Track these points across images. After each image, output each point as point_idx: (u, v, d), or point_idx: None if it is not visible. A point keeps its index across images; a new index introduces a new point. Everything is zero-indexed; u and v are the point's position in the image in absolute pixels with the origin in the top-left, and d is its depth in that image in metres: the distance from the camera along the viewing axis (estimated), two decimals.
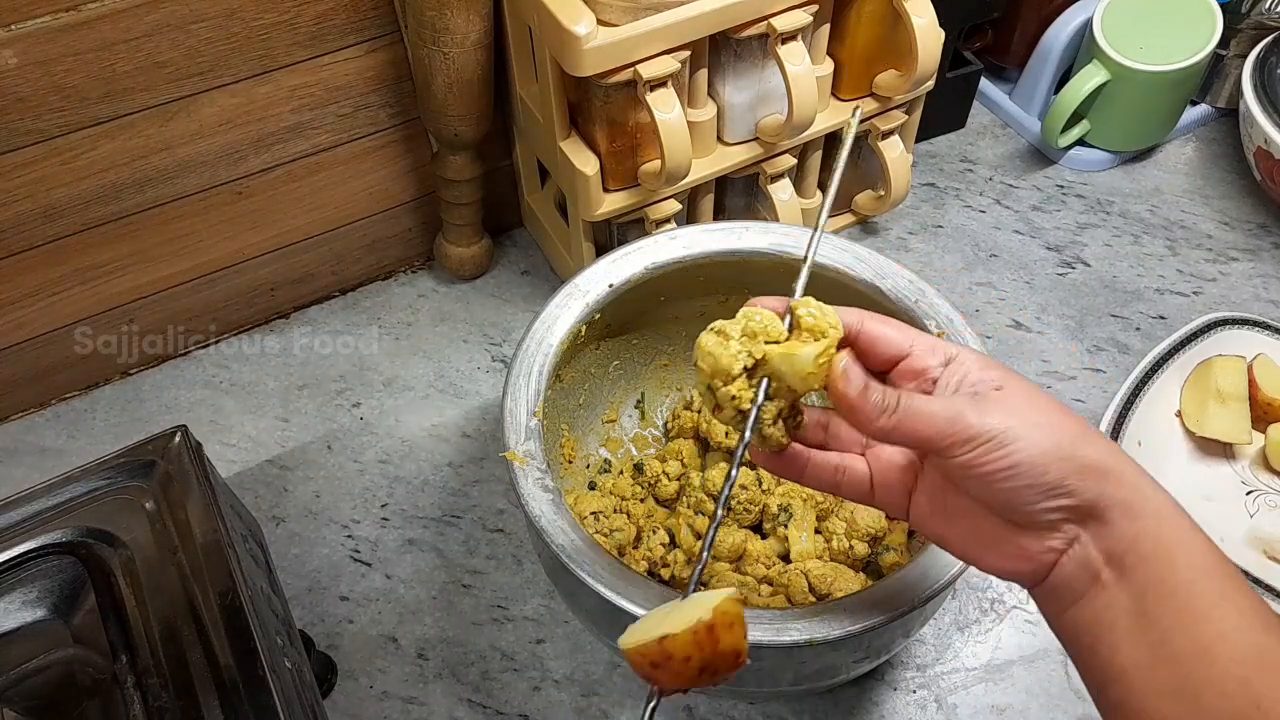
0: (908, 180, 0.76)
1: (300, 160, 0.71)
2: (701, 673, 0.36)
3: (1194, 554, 0.34)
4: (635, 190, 0.68)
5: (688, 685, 0.36)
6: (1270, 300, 0.78)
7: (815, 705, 0.58)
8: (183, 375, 0.75)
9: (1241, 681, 0.31)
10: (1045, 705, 0.58)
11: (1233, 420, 0.66)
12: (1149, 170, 0.88)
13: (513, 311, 0.79)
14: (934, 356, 0.38)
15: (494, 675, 0.60)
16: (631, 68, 0.59)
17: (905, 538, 0.59)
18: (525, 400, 0.53)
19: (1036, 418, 0.35)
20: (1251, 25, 0.84)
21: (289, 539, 0.66)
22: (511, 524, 0.66)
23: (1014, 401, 0.35)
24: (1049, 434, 0.34)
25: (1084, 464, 0.34)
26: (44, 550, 0.44)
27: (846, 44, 0.69)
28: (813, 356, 0.38)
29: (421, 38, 0.63)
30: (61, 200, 0.64)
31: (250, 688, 0.40)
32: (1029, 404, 0.35)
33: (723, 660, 0.36)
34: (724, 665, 0.36)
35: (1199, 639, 0.32)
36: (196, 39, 0.61)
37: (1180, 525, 0.34)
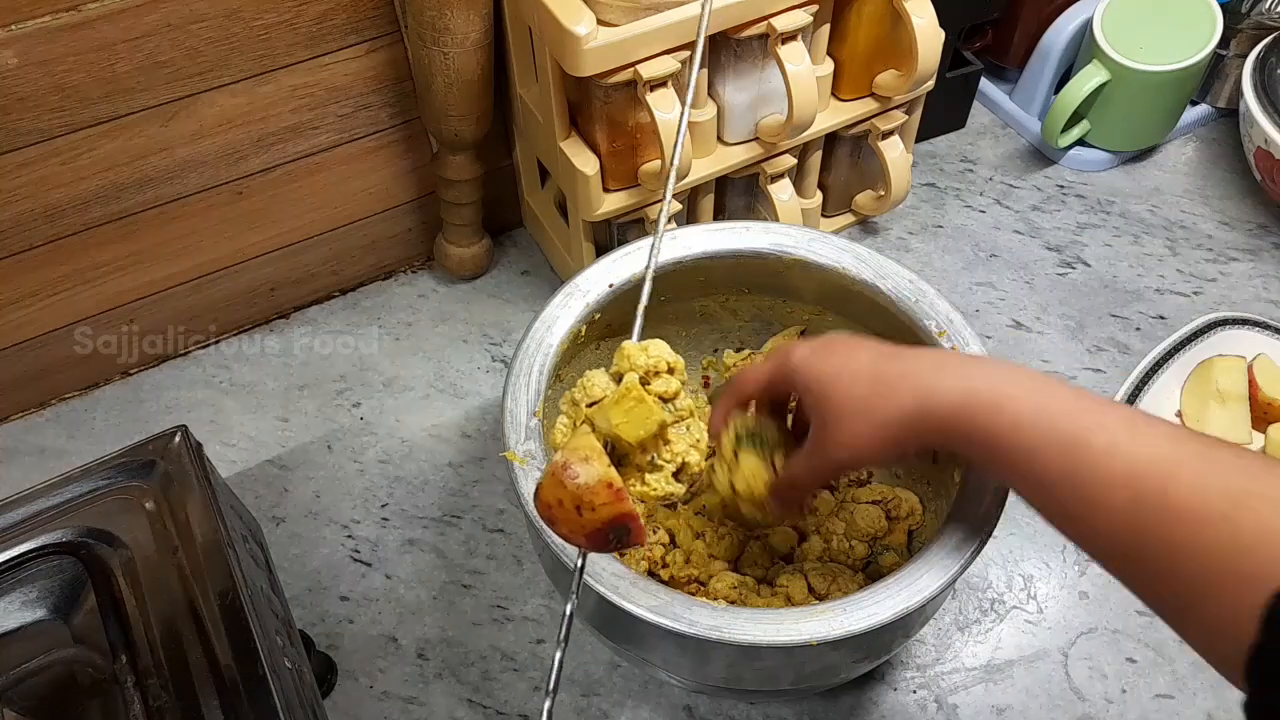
0: (908, 180, 0.76)
1: (300, 160, 0.71)
2: (580, 511, 0.37)
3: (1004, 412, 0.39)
4: (635, 190, 0.68)
5: (584, 533, 0.38)
6: (1270, 300, 0.78)
7: (815, 705, 0.58)
8: (183, 375, 0.75)
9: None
10: (1045, 705, 0.58)
11: (1233, 420, 0.66)
12: (1149, 170, 0.88)
13: (513, 311, 0.79)
14: (786, 391, 0.46)
15: (494, 675, 0.60)
16: (631, 68, 0.59)
17: (905, 538, 0.59)
18: (525, 400, 0.53)
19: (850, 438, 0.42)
20: (1251, 25, 0.84)
21: (289, 539, 0.66)
22: (511, 524, 0.66)
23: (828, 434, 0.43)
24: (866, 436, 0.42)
25: (892, 440, 0.42)
26: (44, 550, 0.44)
27: (846, 44, 0.69)
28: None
29: (421, 38, 0.63)
30: (61, 200, 0.64)
31: (250, 688, 0.40)
32: (835, 427, 0.43)
33: (593, 494, 0.37)
34: (597, 499, 0.37)
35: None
36: (196, 39, 0.61)
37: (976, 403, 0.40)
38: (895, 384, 0.41)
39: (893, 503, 0.59)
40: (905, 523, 0.59)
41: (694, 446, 0.41)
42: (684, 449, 0.41)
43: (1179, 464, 0.34)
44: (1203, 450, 0.35)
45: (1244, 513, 0.32)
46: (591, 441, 0.38)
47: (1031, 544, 0.65)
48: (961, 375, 0.40)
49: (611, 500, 0.37)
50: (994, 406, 0.39)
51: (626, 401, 0.40)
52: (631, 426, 0.39)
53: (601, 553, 0.39)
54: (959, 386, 0.40)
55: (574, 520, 0.38)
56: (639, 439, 0.40)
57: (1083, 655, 0.60)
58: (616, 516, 0.37)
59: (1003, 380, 0.39)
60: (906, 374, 0.41)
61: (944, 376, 0.40)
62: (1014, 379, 0.39)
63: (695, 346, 0.68)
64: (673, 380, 0.41)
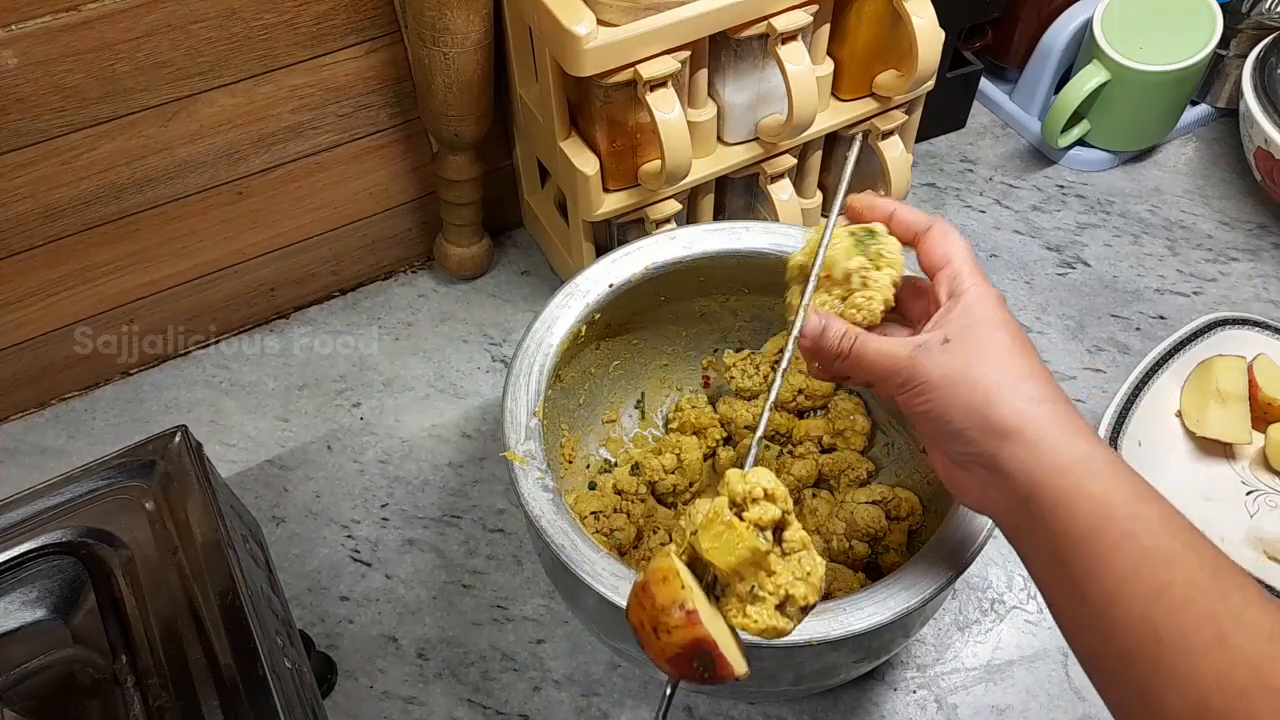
0: (908, 180, 0.76)
1: (300, 160, 0.71)
2: (657, 633, 0.37)
3: (1095, 500, 0.36)
4: (635, 190, 0.68)
5: (664, 657, 0.37)
6: (1270, 300, 0.78)
7: (815, 705, 0.58)
8: (183, 375, 0.75)
9: (1142, 618, 0.34)
10: (1045, 705, 0.58)
11: (1233, 420, 0.66)
12: (1149, 170, 0.88)
13: (513, 311, 0.79)
14: (946, 286, 0.42)
15: (494, 675, 0.60)
16: (631, 68, 0.59)
17: (905, 537, 0.59)
18: (525, 400, 0.53)
19: (962, 376, 0.39)
20: (1251, 25, 0.84)
21: (289, 539, 0.66)
22: (511, 524, 0.66)
23: (952, 357, 0.40)
24: (965, 392, 0.39)
25: (987, 422, 0.38)
26: (44, 550, 0.44)
27: (846, 44, 0.69)
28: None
29: (421, 38, 0.63)
30: (61, 200, 0.64)
31: (250, 688, 0.40)
32: (964, 362, 0.39)
33: (667, 615, 0.36)
34: (670, 620, 0.36)
35: (1104, 582, 0.35)
36: (196, 39, 0.61)
37: (1086, 473, 0.36)
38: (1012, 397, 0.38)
39: (893, 503, 0.59)
40: (905, 523, 0.59)
41: (802, 579, 0.39)
42: (789, 580, 0.39)
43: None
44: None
45: None
46: (671, 563, 0.37)
47: None
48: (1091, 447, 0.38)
49: (684, 624, 0.36)
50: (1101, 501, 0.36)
51: (715, 526, 0.38)
52: (721, 552, 0.38)
53: (692, 682, 0.38)
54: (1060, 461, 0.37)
55: (654, 643, 0.37)
56: (730, 565, 0.38)
57: None
58: (691, 642, 0.36)
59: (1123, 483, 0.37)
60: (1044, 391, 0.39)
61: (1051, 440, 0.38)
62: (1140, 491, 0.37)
63: (695, 346, 0.68)
64: (771, 507, 0.39)
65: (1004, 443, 0.38)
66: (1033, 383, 0.39)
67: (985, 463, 0.39)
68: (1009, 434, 0.38)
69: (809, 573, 0.39)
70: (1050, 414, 0.38)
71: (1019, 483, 0.38)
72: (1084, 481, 0.36)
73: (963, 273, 0.42)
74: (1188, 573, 0.34)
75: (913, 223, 0.44)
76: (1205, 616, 0.33)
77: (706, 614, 0.37)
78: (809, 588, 0.39)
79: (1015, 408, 0.38)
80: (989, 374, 0.39)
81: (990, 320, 0.40)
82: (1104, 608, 0.35)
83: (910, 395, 0.40)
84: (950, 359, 0.39)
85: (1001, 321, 0.40)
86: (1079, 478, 0.36)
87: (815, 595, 0.40)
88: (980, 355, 0.39)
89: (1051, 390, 0.39)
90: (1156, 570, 0.34)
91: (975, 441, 0.39)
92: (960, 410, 0.39)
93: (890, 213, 0.45)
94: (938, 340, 0.40)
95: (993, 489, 0.39)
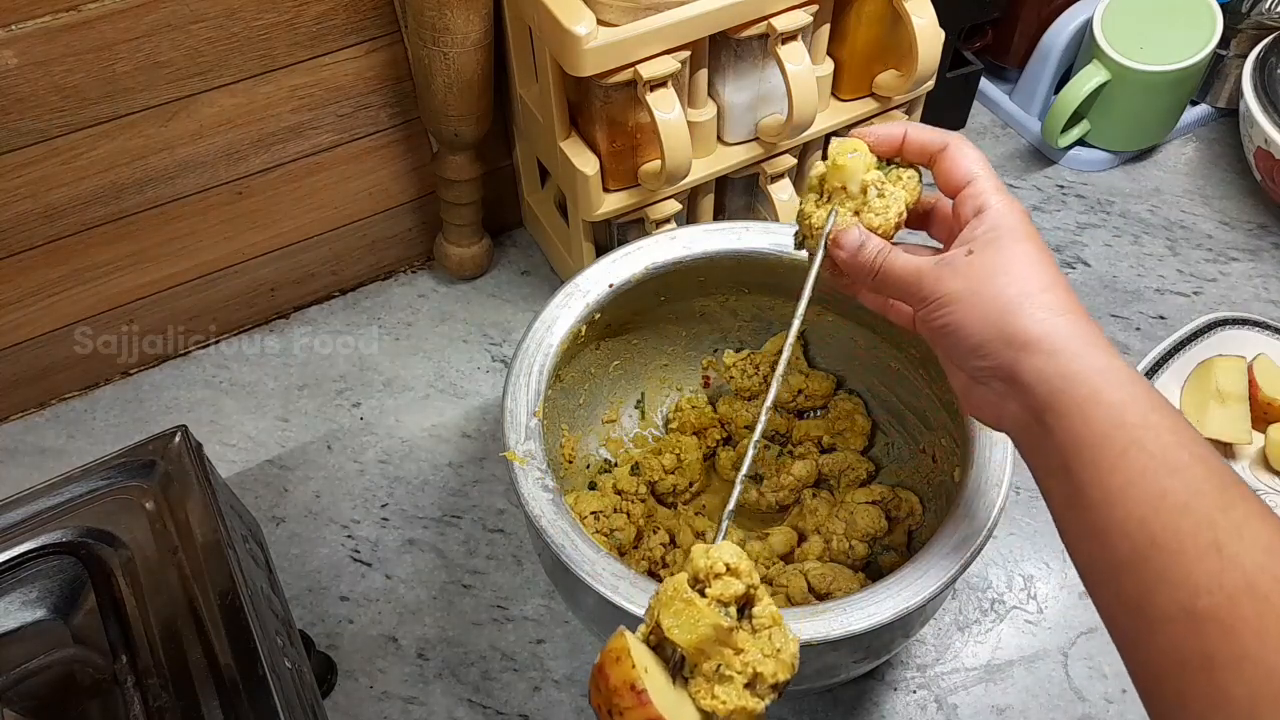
0: None
1: (300, 160, 0.71)
2: (611, 715, 0.35)
3: (1110, 408, 0.36)
4: (635, 190, 0.68)
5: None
6: (1270, 300, 0.78)
7: (815, 705, 0.58)
8: (183, 375, 0.75)
9: (1140, 522, 0.34)
10: (1045, 705, 0.58)
11: (1233, 420, 0.66)
12: (1149, 170, 0.88)
13: (513, 311, 0.79)
14: (970, 203, 0.42)
15: (494, 675, 0.60)
16: (631, 68, 0.59)
17: (905, 538, 0.59)
18: (525, 400, 0.53)
19: (983, 288, 0.39)
20: (1251, 25, 0.84)
21: (289, 539, 0.66)
22: (511, 524, 0.66)
23: (973, 269, 0.40)
24: (984, 304, 0.39)
25: (1005, 333, 0.38)
26: (44, 550, 0.44)
27: (846, 44, 0.69)
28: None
29: (421, 38, 0.63)
30: (61, 200, 0.64)
31: (250, 688, 0.40)
32: (985, 274, 0.40)
33: (619, 696, 0.35)
34: (623, 702, 0.35)
35: (1107, 487, 0.35)
36: (196, 39, 0.61)
37: (1103, 383, 0.36)
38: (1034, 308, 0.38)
39: (893, 503, 0.59)
40: (905, 523, 0.59)
41: (772, 656, 0.37)
42: (757, 657, 0.37)
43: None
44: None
45: None
46: (623, 642, 0.36)
47: (1031, 544, 0.65)
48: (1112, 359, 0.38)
49: (635, 705, 0.35)
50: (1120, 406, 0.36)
51: (675, 603, 0.37)
52: (683, 630, 0.37)
53: None
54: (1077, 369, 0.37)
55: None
56: (693, 644, 0.37)
57: (1083, 655, 0.60)
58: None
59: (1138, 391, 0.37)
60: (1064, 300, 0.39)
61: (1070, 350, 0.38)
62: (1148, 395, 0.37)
63: (695, 346, 0.68)
64: (734, 583, 0.37)
65: (1023, 353, 0.38)
66: (1053, 293, 0.39)
67: (1004, 375, 0.39)
68: (1028, 344, 0.38)
69: (779, 649, 0.38)
70: (1071, 324, 0.38)
71: (1037, 394, 0.38)
72: (1101, 391, 0.36)
73: (986, 189, 0.42)
74: (1191, 480, 0.34)
75: (927, 142, 0.44)
76: (1203, 523, 0.33)
77: (663, 695, 0.36)
78: (779, 664, 0.38)
79: (1036, 317, 0.38)
80: (1010, 284, 0.39)
81: (1014, 231, 0.40)
82: (1105, 512, 0.35)
83: (931, 309, 0.41)
84: (972, 270, 0.40)
85: (1025, 233, 0.40)
86: (1096, 387, 0.36)
87: (787, 672, 0.38)
88: (1003, 266, 0.39)
89: (1072, 301, 0.39)
90: (1160, 476, 0.34)
91: (995, 353, 0.39)
92: (980, 322, 0.39)
93: (902, 135, 0.45)
94: (962, 253, 0.40)
95: (1011, 401, 0.39)
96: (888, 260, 0.43)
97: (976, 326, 0.39)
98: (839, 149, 0.44)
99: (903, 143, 0.45)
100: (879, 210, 0.44)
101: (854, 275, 0.45)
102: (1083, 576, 0.37)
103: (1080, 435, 0.36)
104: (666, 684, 0.37)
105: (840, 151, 0.44)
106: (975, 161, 0.43)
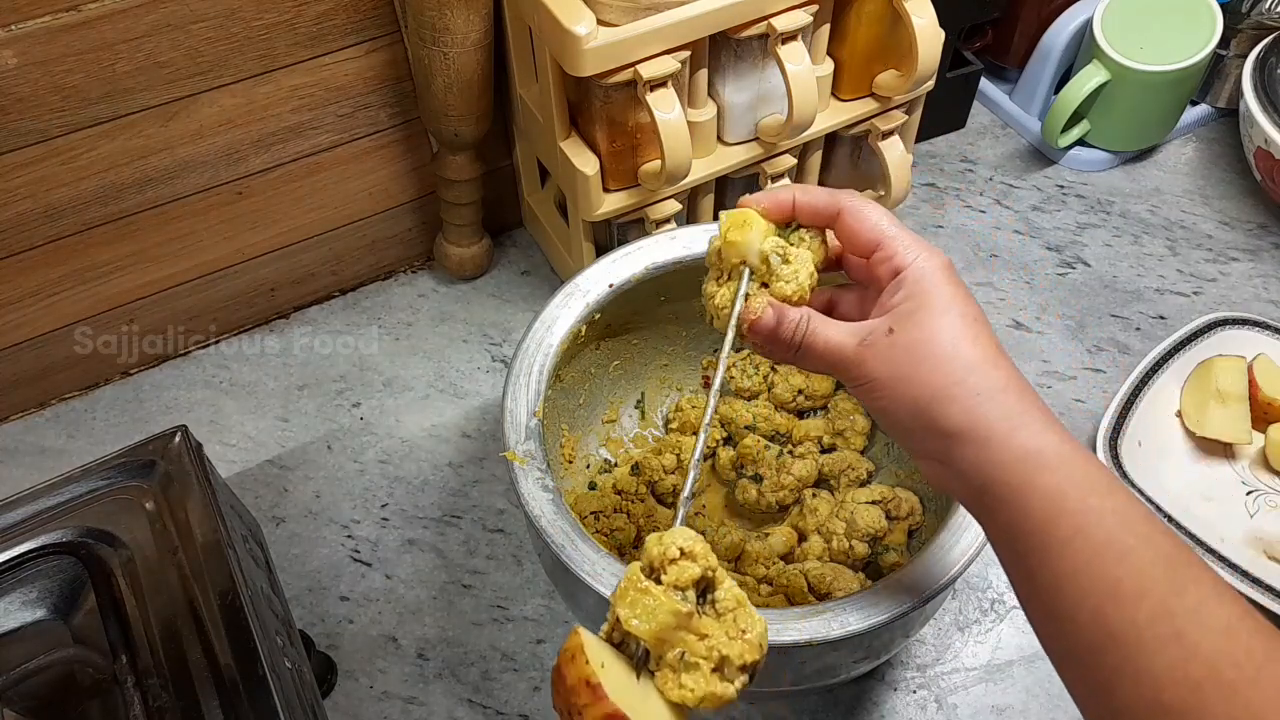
0: (908, 180, 0.76)
1: (300, 160, 0.71)
2: (572, 715, 0.35)
3: (1047, 496, 0.35)
4: (635, 190, 0.68)
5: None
6: (1270, 300, 0.78)
7: (815, 705, 0.58)
8: (183, 375, 0.75)
9: (1094, 613, 0.33)
10: (1045, 705, 0.58)
11: (1233, 420, 0.66)
12: (1149, 170, 0.88)
13: (513, 311, 0.79)
14: (885, 266, 0.40)
15: (494, 675, 0.60)
16: (631, 68, 0.59)
17: (905, 538, 0.59)
18: (525, 400, 0.53)
19: (907, 373, 0.38)
20: (1251, 25, 0.84)
21: (289, 539, 0.66)
22: (511, 524, 0.66)
23: (896, 352, 0.38)
24: (911, 390, 0.38)
25: (934, 425, 0.37)
26: (44, 550, 0.44)
27: (846, 44, 0.69)
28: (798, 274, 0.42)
29: (421, 38, 0.63)
30: (61, 200, 0.64)
31: (250, 688, 0.40)
32: (908, 358, 0.38)
33: (576, 695, 0.35)
34: (579, 700, 0.34)
35: (1056, 573, 0.34)
36: (196, 39, 0.61)
37: (1036, 468, 0.36)
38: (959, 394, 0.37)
39: (893, 503, 0.59)
40: (905, 523, 0.59)
41: (738, 638, 0.36)
42: (722, 640, 0.36)
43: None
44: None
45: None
46: (577, 640, 0.35)
47: None
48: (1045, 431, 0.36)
49: (592, 701, 0.34)
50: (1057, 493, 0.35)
51: (630, 593, 0.36)
52: (640, 620, 0.36)
53: None
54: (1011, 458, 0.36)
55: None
56: (652, 633, 0.36)
57: None
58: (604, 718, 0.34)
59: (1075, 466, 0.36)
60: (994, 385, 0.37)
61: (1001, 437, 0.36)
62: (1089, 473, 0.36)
63: (695, 346, 0.68)
64: (690, 566, 0.36)
65: (952, 443, 0.37)
66: (980, 373, 0.37)
67: (938, 458, 0.38)
68: (956, 434, 0.37)
69: (744, 630, 0.37)
70: (999, 407, 0.37)
71: (971, 479, 0.37)
72: (1034, 476, 0.35)
73: (897, 249, 0.40)
74: (1141, 565, 0.33)
75: (821, 208, 0.42)
76: (1160, 612, 0.32)
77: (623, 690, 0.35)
78: (747, 646, 0.37)
79: (963, 405, 0.37)
80: (935, 370, 0.37)
81: (935, 301, 0.38)
82: (1057, 601, 0.35)
83: (860, 392, 0.40)
84: (895, 353, 0.38)
85: (949, 300, 0.39)
86: (1029, 472, 0.35)
87: (756, 653, 0.37)
88: (925, 348, 0.38)
89: (1000, 378, 0.37)
90: (1108, 565, 0.33)
91: (925, 441, 0.38)
92: (908, 410, 0.38)
93: (791, 200, 0.43)
94: (882, 331, 0.39)
95: (951, 480, 0.39)
96: (808, 337, 0.41)
97: (904, 414, 0.38)
98: (729, 223, 0.42)
99: (794, 208, 0.43)
100: (788, 278, 0.42)
101: (775, 355, 0.43)
102: (1047, 653, 0.37)
103: (1019, 523, 0.36)
104: (629, 680, 0.36)
105: (731, 226, 0.42)
106: (878, 220, 0.41)
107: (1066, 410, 0.71)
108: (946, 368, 0.37)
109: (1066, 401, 0.72)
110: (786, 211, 0.43)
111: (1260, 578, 0.59)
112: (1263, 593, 0.58)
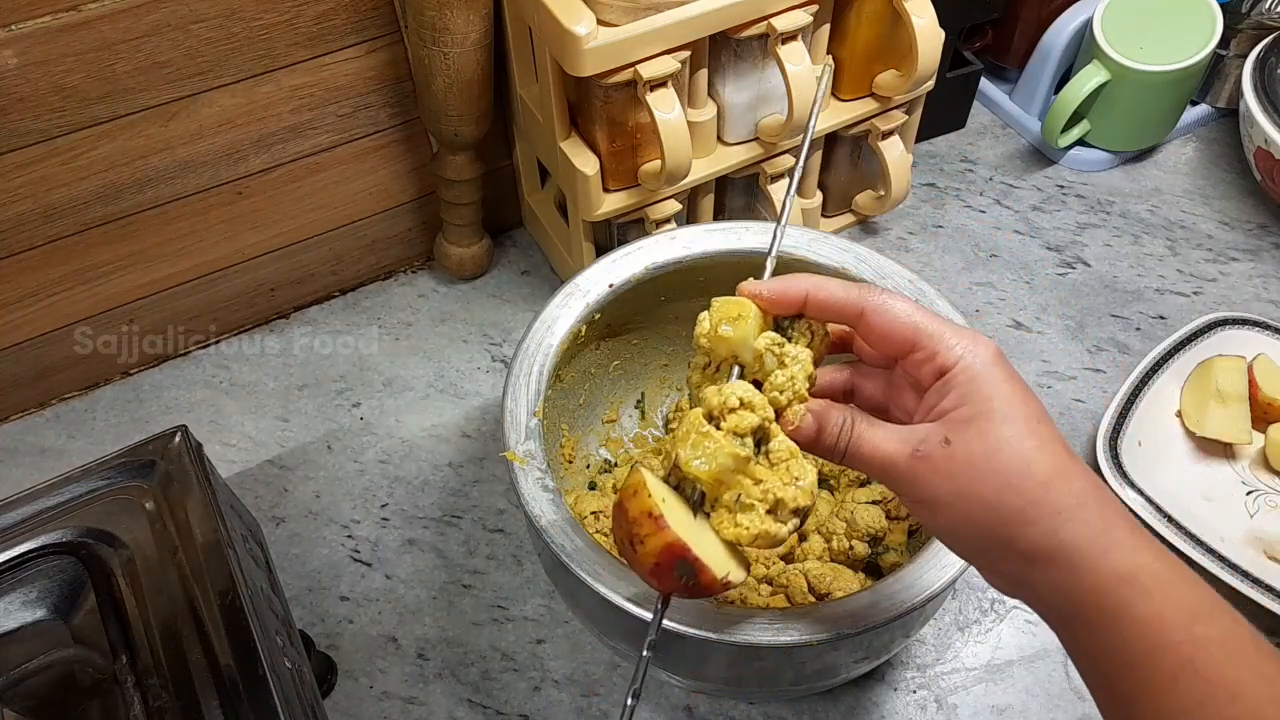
0: (908, 180, 0.76)
1: (300, 160, 0.71)
2: (634, 546, 0.37)
3: (1148, 625, 0.32)
4: (635, 190, 0.68)
5: (647, 570, 0.37)
6: (1270, 300, 0.78)
7: (815, 705, 0.58)
8: (183, 375, 0.75)
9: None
10: (1045, 705, 0.58)
11: (1233, 420, 0.66)
12: (1149, 170, 0.88)
13: (513, 311, 0.79)
14: (927, 367, 0.37)
15: (494, 675, 0.60)
16: (631, 68, 0.59)
17: (905, 537, 0.59)
18: (525, 400, 0.53)
19: (973, 490, 0.34)
20: (1251, 25, 0.84)
21: (289, 539, 0.66)
22: (511, 524, 0.66)
23: (956, 466, 0.34)
24: (979, 511, 0.34)
25: (1011, 547, 0.34)
26: (44, 550, 0.44)
27: (846, 44, 0.69)
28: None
29: (421, 38, 0.63)
30: (61, 200, 0.64)
31: (250, 688, 0.40)
32: (972, 474, 0.34)
33: (638, 525, 0.36)
34: (641, 530, 0.36)
35: (1160, 711, 0.32)
36: (196, 39, 0.61)
37: (1134, 595, 0.32)
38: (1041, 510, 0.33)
39: (893, 502, 0.59)
40: (905, 522, 0.59)
41: (790, 483, 0.37)
42: (777, 484, 0.36)
43: None
44: None
45: None
46: (640, 477, 0.37)
47: None
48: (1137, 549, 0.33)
49: (654, 531, 0.36)
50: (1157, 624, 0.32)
51: (692, 436, 0.37)
52: (701, 461, 0.37)
53: (680, 596, 0.37)
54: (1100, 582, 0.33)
55: (634, 557, 0.37)
56: (711, 475, 0.37)
57: None
58: (664, 549, 0.36)
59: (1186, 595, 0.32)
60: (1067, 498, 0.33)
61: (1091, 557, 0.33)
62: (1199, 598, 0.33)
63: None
64: (749, 415, 0.37)
65: (1033, 568, 0.33)
66: (1058, 489, 0.33)
67: (1015, 580, 0.35)
68: (1038, 558, 0.33)
69: (797, 477, 0.37)
70: (1085, 527, 0.33)
71: (1056, 604, 0.34)
72: (1133, 603, 0.32)
73: (940, 347, 0.36)
74: (1257, 706, 0.30)
75: (842, 307, 0.38)
76: None
77: (682, 525, 0.37)
78: (800, 491, 0.37)
79: (1043, 529, 0.33)
80: (1004, 487, 0.33)
81: (994, 406, 0.34)
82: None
83: (918, 510, 0.36)
84: (955, 467, 0.34)
85: (1007, 402, 0.35)
86: (1125, 599, 0.32)
87: (808, 499, 0.37)
88: (992, 463, 0.34)
89: (1078, 489, 0.33)
90: (1222, 705, 0.31)
91: (999, 562, 0.35)
92: (978, 531, 0.34)
93: (803, 297, 0.39)
94: (937, 441, 0.35)
95: (1029, 599, 0.35)
96: (854, 443, 0.37)
97: (974, 536, 0.34)
98: (721, 315, 0.40)
99: (804, 304, 0.39)
100: (783, 386, 0.39)
101: (820, 457, 0.39)
102: None
103: (1116, 653, 0.32)
104: (687, 516, 0.38)
105: (724, 318, 0.40)
106: (910, 315, 0.37)
107: (1066, 410, 0.71)
108: (1020, 485, 0.33)
109: (1066, 401, 0.72)
110: (794, 308, 0.40)
111: (1260, 578, 0.59)
112: (1263, 593, 0.58)
